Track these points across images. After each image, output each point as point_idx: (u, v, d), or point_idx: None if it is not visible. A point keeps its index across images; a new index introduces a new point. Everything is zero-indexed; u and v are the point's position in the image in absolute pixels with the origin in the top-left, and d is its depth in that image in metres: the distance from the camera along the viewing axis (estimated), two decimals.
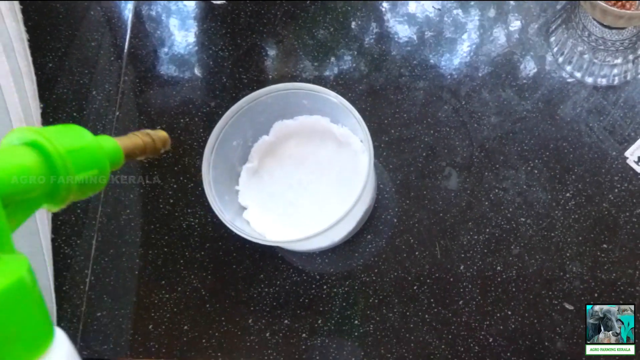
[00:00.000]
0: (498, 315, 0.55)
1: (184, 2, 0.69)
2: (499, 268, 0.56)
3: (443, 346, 0.54)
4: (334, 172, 0.57)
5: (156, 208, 0.62)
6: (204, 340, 0.57)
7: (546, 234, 0.56)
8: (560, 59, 0.60)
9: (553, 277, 0.55)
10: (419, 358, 0.54)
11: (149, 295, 0.59)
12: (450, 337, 0.55)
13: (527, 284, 0.55)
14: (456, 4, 0.64)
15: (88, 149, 0.29)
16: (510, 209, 0.57)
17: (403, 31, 0.64)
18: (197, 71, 0.67)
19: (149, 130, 0.36)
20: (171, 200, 0.62)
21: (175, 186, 0.62)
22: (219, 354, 0.57)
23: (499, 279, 0.55)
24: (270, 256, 0.59)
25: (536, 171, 0.58)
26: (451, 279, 0.56)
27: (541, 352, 0.53)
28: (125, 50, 0.67)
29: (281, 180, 0.57)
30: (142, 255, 0.61)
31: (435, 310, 0.55)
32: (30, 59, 0.58)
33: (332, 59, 0.64)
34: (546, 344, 0.53)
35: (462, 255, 0.56)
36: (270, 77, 0.65)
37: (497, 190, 0.58)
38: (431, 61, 0.63)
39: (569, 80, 0.60)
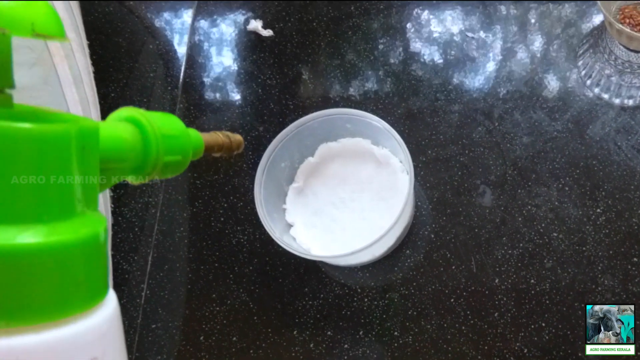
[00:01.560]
0: (532, 326, 0.56)
1: (235, 34, 0.74)
2: (532, 281, 0.58)
3: (479, 357, 0.56)
4: (374, 191, 0.60)
5: (208, 226, 0.65)
6: (251, 351, 0.60)
7: (578, 248, 0.58)
8: (588, 82, 0.63)
9: (585, 289, 0.57)
10: None
11: (200, 308, 0.63)
12: (486, 347, 0.56)
13: (560, 296, 0.57)
14: (480, 31, 0.68)
15: (179, 138, 0.33)
16: (543, 225, 0.59)
17: (438, 58, 0.68)
18: (246, 98, 0.71)
19: (228, 132, 0.41)
20: (222, 219, 0.66)
21: (225, 205, 0.66)
22: None
23: (532, 292, 0.57)
24: (314, 271, 0.62)
25: (567, 188, 0.60)
26: (486, 292, 0.58)
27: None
28: (181, 80, 0.72)
29: (325, 198, 0.61)
30: (194, 270, 0.64)
31: (472, 322, 0.57)
32: (95, 89, 0.63)
33: (373, 85, 0.68)
34: (579, 354, 0.55)
35: (497, 269, 0.59)
36: (315, 103, 0.69)
37: (529, 207, 0.60)
38: (465, 86, 0.66)
39: (597, 101, 0.62)
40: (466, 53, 0.67)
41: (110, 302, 0.24)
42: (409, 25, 0.70)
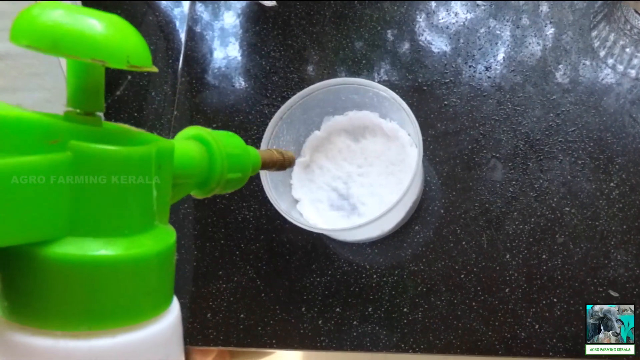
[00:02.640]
0: (544, 302, 0.56)
1: (236, 5, 0.72)
2: (544, 256, 0.57)
3: (490, 332, 0.56)
4: (382, 165, 0.59)
5: (213, 202, 0.64)
6: (259, 328, 0.60)
7: (591, 223, 0.57)
8: (602, 53, 0.62)
9: (598, 265, 0.56)
10: (467, 344, 0.56)
11: (206, 285, 0.62)
12: (497, 323, 0.56)
13: (572, 271, 0.56)
14: (489, 12, 0.66)
15: (241, 156, 0.35)
16: (555, 199, 0.58)
17: (448, 28, 0.66)
18: (250, 71, 0.69)
19: (282, 150, 0.43)
20: (226, 195, 0.64)
21: None
22: (274, 341, 0.59)
23: (544, 267, 0.57)
24: (321, 247, 0.61)
25: (580, 162, 0.59)
26: (497, 268, 0.57)
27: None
28: (182, 53, 0.71)
29: (332, 173, 0.60)
30: (199, 247, 0.63)
31: (482, 298, 0.57)
32: None
33: (380, 57, 0.67)
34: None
35: (508, 245, 0.58)
36: (320, 75, 0.67)
37: (541, 181, 0.59)
38: (475, 57, 0.64)
39: (611, 73, 0.61)
40: (477, 22, 0.66)
41: (174, 308, 0.26)
42: None
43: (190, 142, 0.32)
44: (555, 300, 0.55)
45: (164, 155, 0.26)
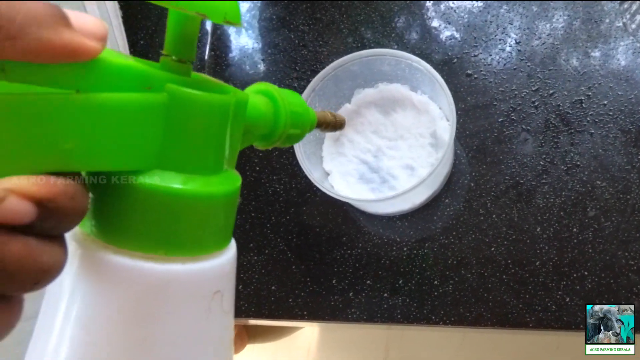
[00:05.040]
0: (575, 275, 0.56)
1: None
2: (575, 230, 0.57)
3: (520, 305, 0.56)
4: (412, 138, 0.59)
5: (243, 175, 0.64)
6: (290, 300, 0.60)
7: (622, 196, 0.57)
8: (633, 26, 0.61)
9: (629, 238, 0.56)
10: (497, 317, 0.56)
11: (238, 257, 0.61)
12: (527, 296, 0.56)
13: (603, 245, 0.56)
14: None
15: (302, 115, 0.38)
16: (586, 173, 0.58)
17: (475, 2, 0.66)
18: (278, 45, 0.69)
19: (335, 113, 0.47)
20: (257, 168, 0.65)
21: (260, 154, 0.65)
22: (305, 313, 0.60)
23: (575, 241, 0.57)
24: (351, 220, 0.62)
25: (611, 135, 0.59)
26: (528, 241, 0.57)
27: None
28: (210, 27, 0.71)
29: (362, 146, 0.60)
30: None
31: (513, 270, 0.57)
32: (124, 34, 0.62)
33: (409, 30, 0.66)
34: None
35: (539, 218, 0.58)
36: (350, 48, 0.67)
37: (572, 155, 0.59)
38: (505, 29, 0.64)
39: None
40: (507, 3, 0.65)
41: (233, 246, 0.28)
42: None
43: (259, 96, 0.34)
44: (586, 273, 0.56)
45: (240, 105, 0.28)
